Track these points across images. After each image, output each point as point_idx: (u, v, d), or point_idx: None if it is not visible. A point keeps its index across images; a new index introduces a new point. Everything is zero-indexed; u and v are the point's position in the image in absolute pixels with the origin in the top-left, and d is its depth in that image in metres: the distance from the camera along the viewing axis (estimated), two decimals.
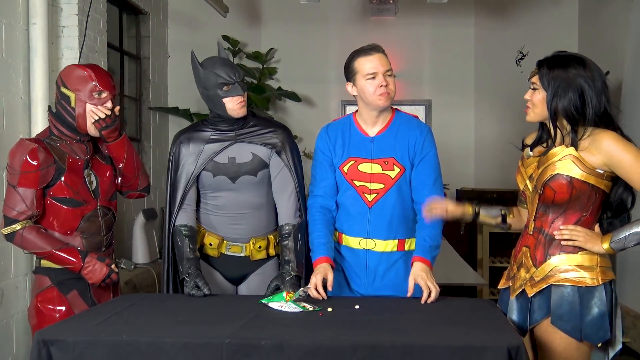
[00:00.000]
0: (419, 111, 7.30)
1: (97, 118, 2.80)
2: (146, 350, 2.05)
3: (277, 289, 2.82)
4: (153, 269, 5.25)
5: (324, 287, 2.66)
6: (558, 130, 2.43)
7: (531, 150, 2.57)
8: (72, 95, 2.79)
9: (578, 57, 2.44)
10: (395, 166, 2.79)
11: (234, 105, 2.89)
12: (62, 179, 2.79)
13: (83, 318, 2.42)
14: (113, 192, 3.00)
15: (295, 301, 2.51)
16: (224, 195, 2.99)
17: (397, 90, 2.86)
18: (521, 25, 7.14)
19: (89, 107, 2.79)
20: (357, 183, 2.82)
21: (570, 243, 2.39)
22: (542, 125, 2.55)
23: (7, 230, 2.76)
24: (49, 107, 2.89)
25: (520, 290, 2.49)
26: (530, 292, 2.45)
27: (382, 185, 2.80)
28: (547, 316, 2.43)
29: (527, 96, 2.49)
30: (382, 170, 2.80)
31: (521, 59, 7.17)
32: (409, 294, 2.63)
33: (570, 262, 2.40)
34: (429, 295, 2.58)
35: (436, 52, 7.31)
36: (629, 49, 5.22)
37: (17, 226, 2.74)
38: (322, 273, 2.68)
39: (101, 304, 2.75)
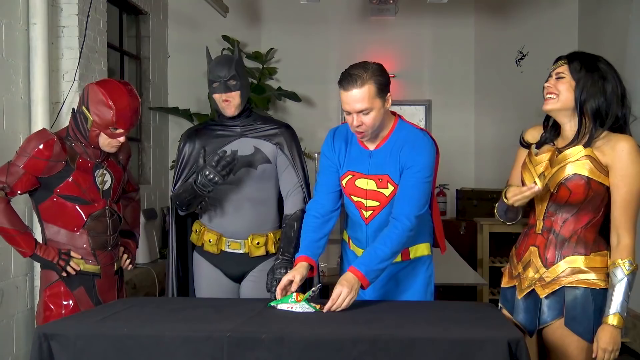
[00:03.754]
0: (419, 111, 7.31)
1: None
2: (147, 345, 2.04)
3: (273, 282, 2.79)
4: (153, 269, 5.26)
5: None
6: (579, 124, 2.38)
7: (537, 148, 2.52)
8: (90, 118, 2.78)
9: (606, 61, 2.42)
10: (389, 184, 2.68)
11: (220, 102, 2.97)
12: (71, 177, 2.80)
13: (84, 316, 2.42)
14: (119, 195, 3.03)
15: (308, 301, 2.45)
16: (224, 188, 3.00)
17: (397, 90, 2.82)
18: (521, 26, 7.15)
19: (103, 135, 2.79)
20: (355, 198, 2.75)
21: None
22: (547, 124, 2.51)
23: None
24: (73, 110, 2.90)
25: (529, 290, 2.45)
26: (542, 293, 2.41)
27: (377, 203, 2.71)
28: (558, 317, 2.39)
29: (550, 84, 2.41)
30: (377, 188, 2.69)
31: (521, 59, 7.18)
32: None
33: (583, 264, 2.37)
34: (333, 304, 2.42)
35: (436, 52, 7.31)
36: (629, 49, 5.22)
37: None
38: (293, 272, 2.59)
39: (101, 305, 2.75)
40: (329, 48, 7.15)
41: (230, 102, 2.95)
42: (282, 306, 2.45)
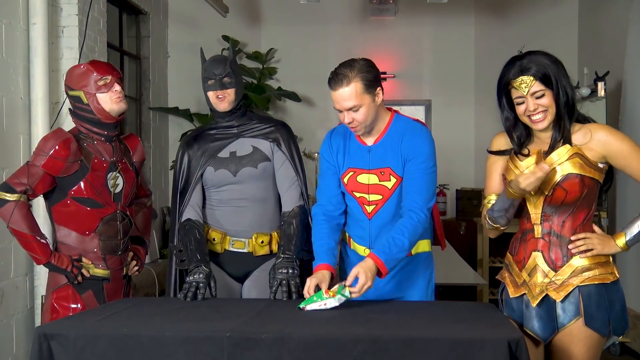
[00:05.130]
0: (419, 111, 7.31)
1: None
2: (147, 344, 2.04)
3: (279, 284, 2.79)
4: (153, 269, 5.24)
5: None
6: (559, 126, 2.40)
7: (516, 155, 2.50)
8: (80, 93, 2.82)
9: (547, 53, 2.45)
10: (391, 176, 2.69)
11: (214, 99, 2.99)
12: (85, 179, 2.81)
13: (84, 316, 2.42)
14: (132, 199, 3.03)
15: (342, 292, 2.44)
16: (227, 189, 3.03)
17: (397, 90, 2.83)
18: (521, 25, 7.15)
19: (100, 96, 2.82)
20: (357, 194, 2.75)
21: (588, 254, 2.38)
22: (512, 130, 2.51)
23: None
24: (70, 110, 2.92)
25: (542, 296, 2.43)
26: (558, 297, 2.40)
27: (380, 197, 2.71)
28: (575, 318, 2.39)
29: (532, 106, 2.37)
30: (379, 181, 2.71)
31: None
32: (347, 283, 2.47)
33: (590, 261, 2.39)
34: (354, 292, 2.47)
35: (436, 52, 7.32)
36: (629, 48, 5.21)
37: (12, 196, 2.73)
38: (318, 278, 2.57)
39: (102, 305, 2.75)
40: (329, 48, 7.15)
41: (224, 98, 2.98)
42: (312, 306, 2.42)
